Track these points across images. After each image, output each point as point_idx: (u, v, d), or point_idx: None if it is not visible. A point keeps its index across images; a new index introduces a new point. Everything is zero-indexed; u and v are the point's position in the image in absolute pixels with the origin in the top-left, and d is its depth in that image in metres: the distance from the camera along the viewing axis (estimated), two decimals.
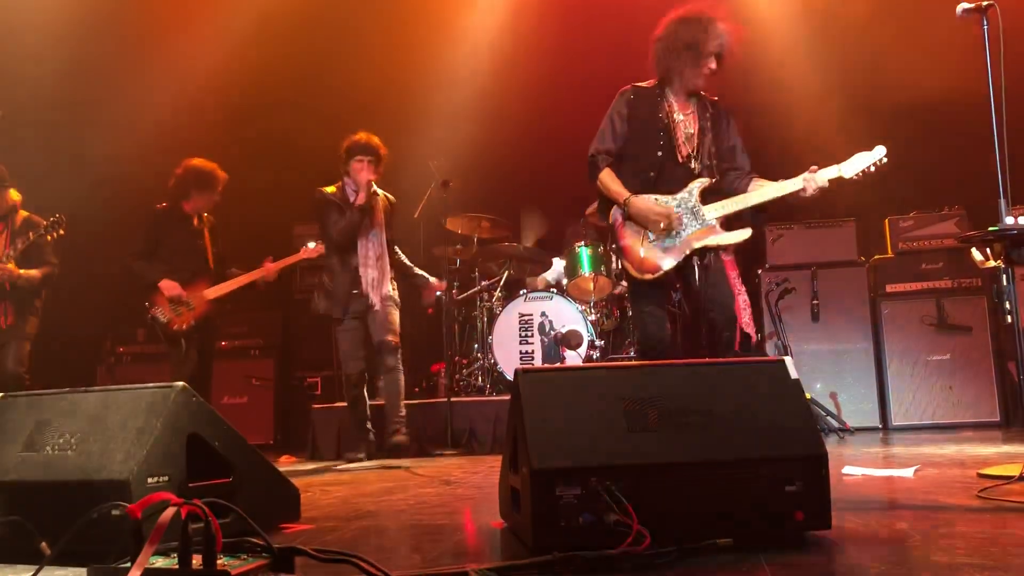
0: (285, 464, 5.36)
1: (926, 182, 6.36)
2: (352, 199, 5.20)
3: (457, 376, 6.13)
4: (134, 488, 2.15)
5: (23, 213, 5.23)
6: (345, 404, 5.22)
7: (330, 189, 5.27)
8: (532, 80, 7.15)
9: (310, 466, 5.10)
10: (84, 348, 6.99)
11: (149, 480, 2.22)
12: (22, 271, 5.01)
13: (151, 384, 2.43)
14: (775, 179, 3.73)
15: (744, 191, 3.77)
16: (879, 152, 3.63)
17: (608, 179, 3.80)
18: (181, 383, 2.39)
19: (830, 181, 3.63)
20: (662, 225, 3.68)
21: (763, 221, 3.78)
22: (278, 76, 7.33)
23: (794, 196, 3.68)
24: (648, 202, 3.71)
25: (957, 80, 5.43)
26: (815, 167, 3.65)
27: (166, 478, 2.26)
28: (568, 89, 6.95)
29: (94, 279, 6.88)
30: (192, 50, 7.33)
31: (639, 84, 3.90)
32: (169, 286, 5.24)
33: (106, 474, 2.21)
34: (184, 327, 5.28)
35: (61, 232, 4.98)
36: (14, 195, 5.25)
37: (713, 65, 3.73)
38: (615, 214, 3.82)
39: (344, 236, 5.15)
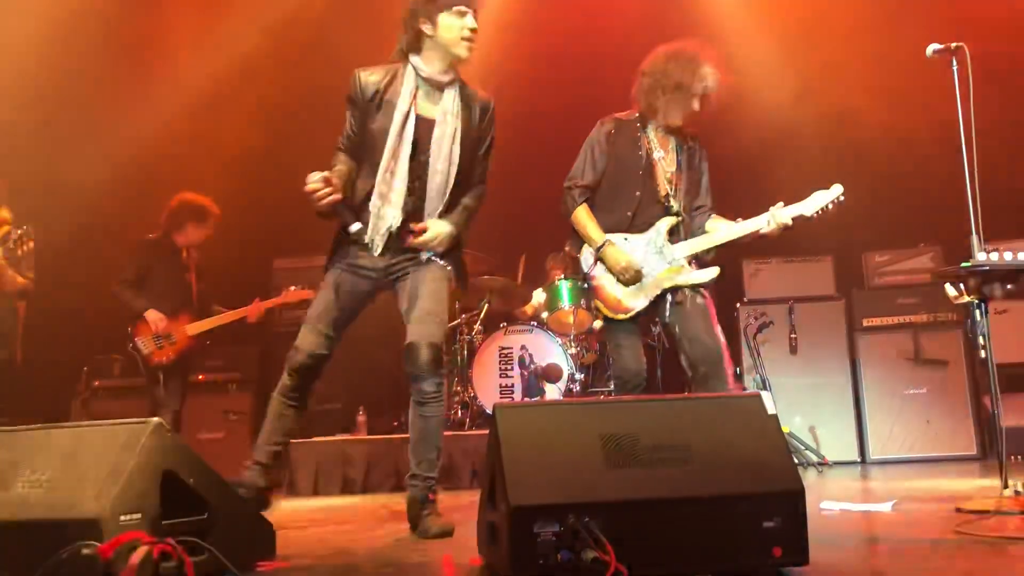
0: None
1: (902, 218, 6.44)
2: (407, 91, 3.34)
3: None
4: (106, 527, 2.12)
5: None
6: (321, 439, 5.06)
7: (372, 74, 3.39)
8: (510, 110, 7.18)
9: (286, 502, 5.04)
10: (58, 382, 6.89)
11: (122, 518, 2.18)
12: (9, 271, 4.91)
13: (125, 420, 2.40)
14: (745, 216, 3.77)
15: (704, 229, 3.83)
16: (836, 190, 3.70)
17: (584, 217, 3.82)
18: (156, 419, 2.36)
19: (793, 219, 3.67)
20: (627, 277, 3.71)
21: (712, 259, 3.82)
22: (257, 109, 7.34)
23: (758, 235, 3.72)
24: (620, 253, 3.73)
25: (930, 117, 5.52)
26: (781, 203, 3.68)
27: (139, 516, 2.22)
28: (547, 118, 7.00)
29: (68, 309, 6.81)
30: (174, 81, 7.34)
31: (618, 116, 3.91)
32: (155, 318, 5.24)
33: (77, 512, 2.18)
34: (164, 361, 5.27)
35: (31, 244, 4.85)
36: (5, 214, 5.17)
37: (696, 106, 3.77)
38: (587, 254, 3.84)
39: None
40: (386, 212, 3.31)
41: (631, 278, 3.72)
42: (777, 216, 3.66)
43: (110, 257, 5.94)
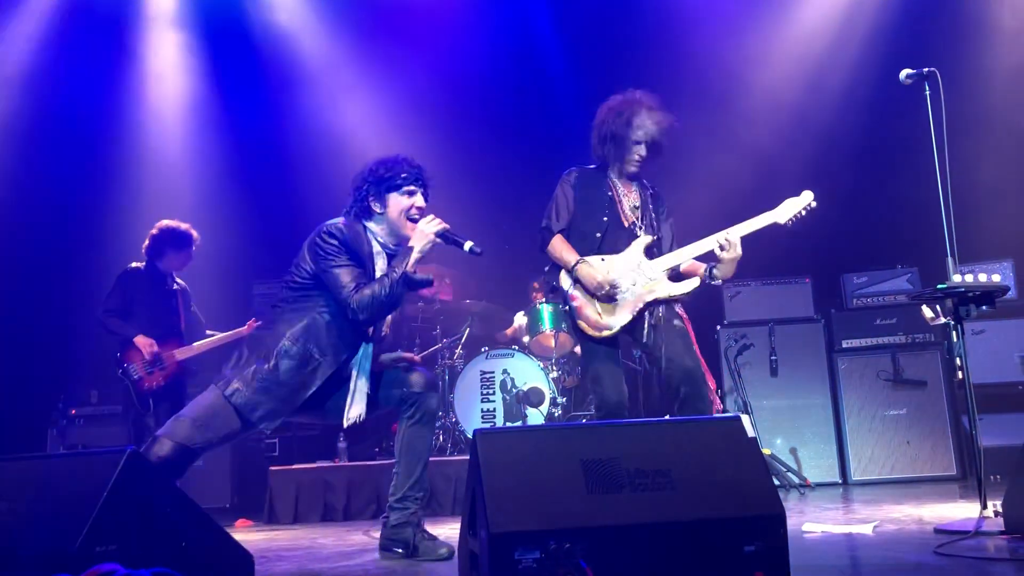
0: (241, 528, 5.23)
1: (879, 239, 6.50)
2: (377, 252, 3.39)
3: None
4: (80, 558, 2.09)
5: None
6: (300, 466, 4.99)
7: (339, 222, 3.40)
8: (492, 134, 7.23)
9: (266, 531, 4.99)
10: (34, 410, 6.80)
11: (97, 549, 2.15)
12: None
13: (100, 449, 2.38)
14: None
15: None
16: (807, 197, 3.78)
17: (559, 244, 3.89)
18: (131, 448, 2.34)
19: (765, 226, 3.73)
20: (604, 292, 3.73)
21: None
22: (238, 135, 7.34)
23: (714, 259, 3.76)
24: (594, 268, 3.76)
25: (907, 138, 5.60)
26: (728, 229, 3.74)
27: (114, 547, 2.19)
28: (527, 143, 7.04)
29: (45, 337, 6.74)
30: (152, 106, 7.34)
31: (583, 167, 4.01)
32: (145, 343, 5.19)
33: (52, 544, 2.15)
34: (154, 386, 5.21)
35: None
36: None
37: (643, 152, 3.81)
38: (565, 276, 3.87)
39: (379, 311, 3.27)
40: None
41: (606, 293, 3.74)
42: (731, 235, 3.70)
43: (87, 284, 5.90)
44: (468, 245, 3.30)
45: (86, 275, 6.27)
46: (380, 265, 3.35)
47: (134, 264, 5.46)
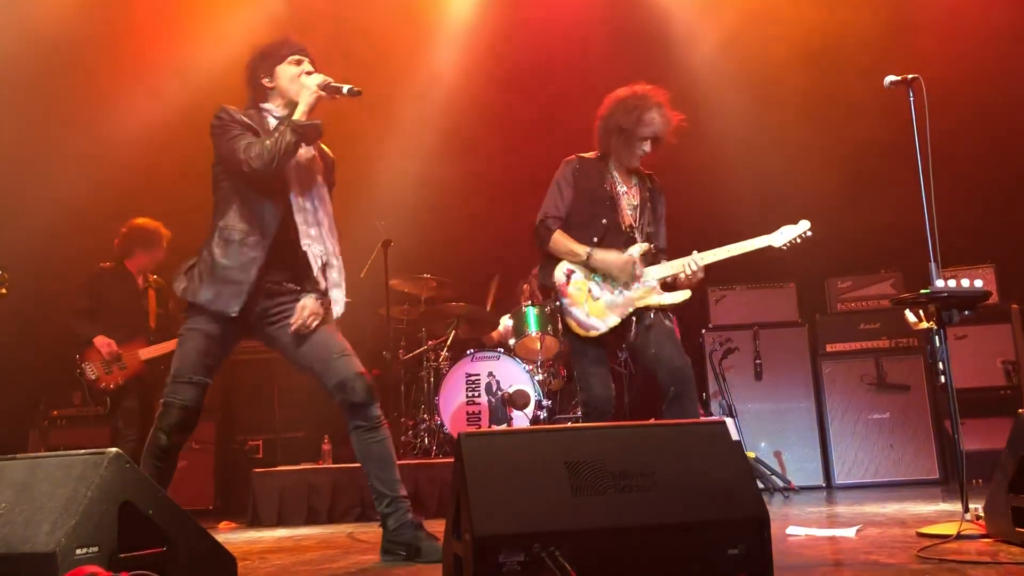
0: (224, 530, 5.20)
1: (863, 244, 6.53)
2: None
3: (403, 437, 6.06)
4: (61, 561, 2.08)
5: None
6: (284, 468, 4.97)
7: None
8: (480, 138, 7.22)
9: (250, 533, 4.96)
10: (15, 412, 6.75)
11: (78, 552, 2.14)
12: None
13: (82, 451, 2.36)
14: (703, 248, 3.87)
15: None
16: (804, 225, 3.86)
17: (562, 238, 3.89)
18: (114, 450, 2.32)
19: (760, 250, 3.82)
20: (628, 271, 3.75)
21: None
22: None
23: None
24: (612, 253, 3.79)
25: (891, 144, 5.64)
26: (695, 252, 3.81)
27: (95, 549, 2.18)
28: (516, 148, 7.04)
29: (26, 338, 6.69)
30: (140, 106, 7.28)
31: (584, 155, 4.01)
32: (103, 343, 5.19)
33: (31, 546, 2.13)
34: (111, 386, 5.18)
35: (3, 291, 4.83)
36: None
37: (647, 148, 3.85)
38: (559, 273, 3.87)
39: (271, 160, 3.18)
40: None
41: (631, 273, 3.76)
42: (690, 263, 3.78)
43: (69, 286, 5.86)
44: (346, 88, 3.29)
45: (68, 276, 6.22)
46: None
47: (103, 264, 5.47)
